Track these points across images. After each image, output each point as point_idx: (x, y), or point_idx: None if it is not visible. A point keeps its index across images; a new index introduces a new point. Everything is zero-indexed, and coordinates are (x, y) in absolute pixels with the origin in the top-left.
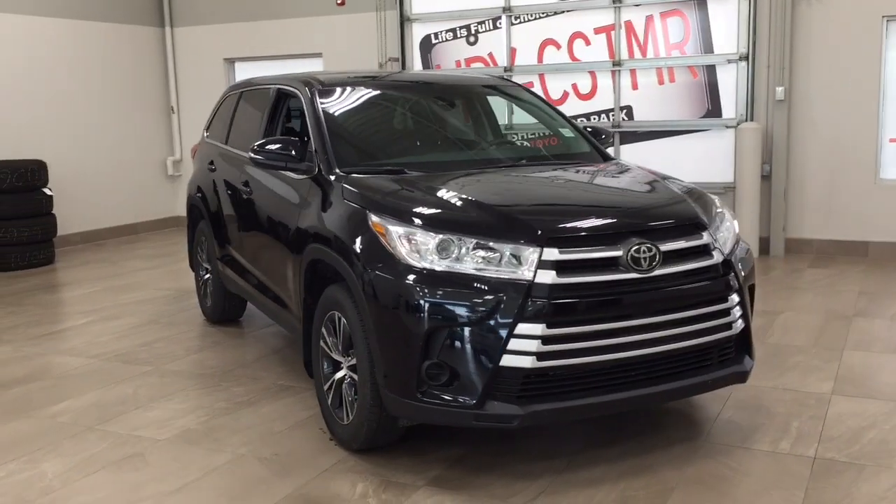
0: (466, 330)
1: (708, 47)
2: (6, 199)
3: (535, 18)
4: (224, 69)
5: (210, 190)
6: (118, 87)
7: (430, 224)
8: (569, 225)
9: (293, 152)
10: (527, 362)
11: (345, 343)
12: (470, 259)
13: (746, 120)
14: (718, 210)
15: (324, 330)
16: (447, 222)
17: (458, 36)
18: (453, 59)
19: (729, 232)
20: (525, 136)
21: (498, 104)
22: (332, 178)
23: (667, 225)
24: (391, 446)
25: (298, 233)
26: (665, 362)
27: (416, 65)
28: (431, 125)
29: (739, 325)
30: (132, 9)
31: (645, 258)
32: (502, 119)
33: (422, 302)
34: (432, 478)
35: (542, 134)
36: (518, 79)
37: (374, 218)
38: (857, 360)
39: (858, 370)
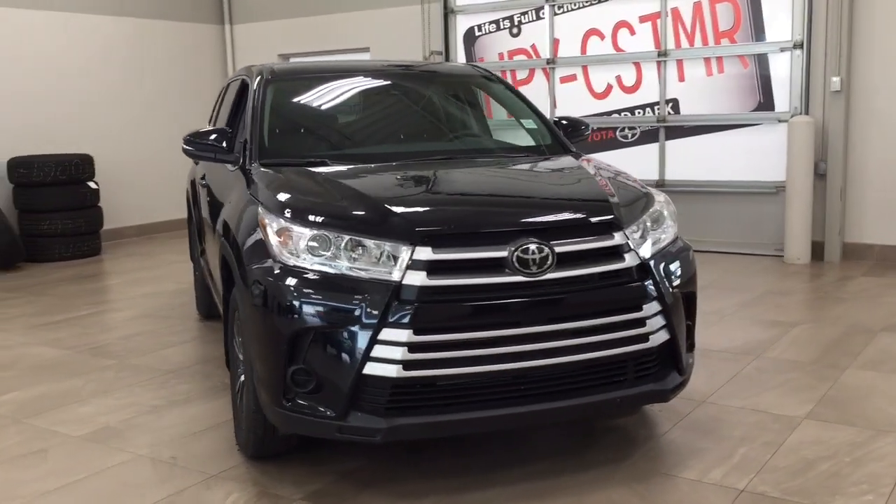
0: (331, 334)
1: (760, 35)
2: (50, 192)
3: (579, 7)
4: None
5: (193, 184)
6: (179, 84)
7: (307, 219)
8: (448, 222)
9: (223, 143)
10: (392, 371)
11: None
12: (345, 257)
13: (802, 113)
14: (653, 210)
15: (235, 329)
16: (325, 217)
17: (501, 28)
18: (496, 52)
19: (663, 234)
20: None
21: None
22: (251, 169)
23: (565, 223)
24: (291, 453)
25: (221, 225)
26: (564, 376)
27: (459, 57)
28: (377, 116)
29: (660, 337)
30: (194, 7)
31: (534, 259)
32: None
33: (288, 302)
34: (311, 492)
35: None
36: (561, 71)
37: (260, 211)
38: (855, 381)
39: (851, 392)
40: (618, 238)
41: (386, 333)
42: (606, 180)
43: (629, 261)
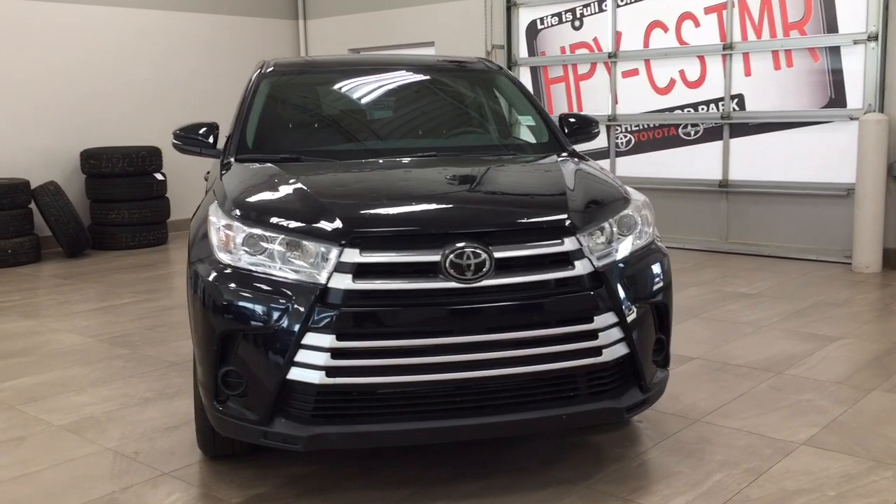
0: (258, 336)
1: (832, 26)
2: (118, 183)
3: None
4: None
5: None
6: None
7: (246, 217)
8: (379, 223)
9: (209, 138)
10: (315, 377)
11: None
12: (279, 257)
13: (876, 110)
14: (623, 215)
15: None
16: (264, 216)
17: (564, 20)
18: (558, 45)
19: (633, 241)
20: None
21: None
22: (228, 164)
23: (509, 227)
24: (251, 454)
25: None
26: (504, 390)
27: (521, 51)
28: (365, 112)
29: (617, 351)
30: (269, 2)
31: (468, 265)
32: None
33: (219, 301)
34: (252, 496)
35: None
36: (623, 65)
37: (210, 208)
38: (875, 405)
39: (865, 417)
40: (568, 244)
41: (310, 338)
42: (577, 182)
43: (580, 269)
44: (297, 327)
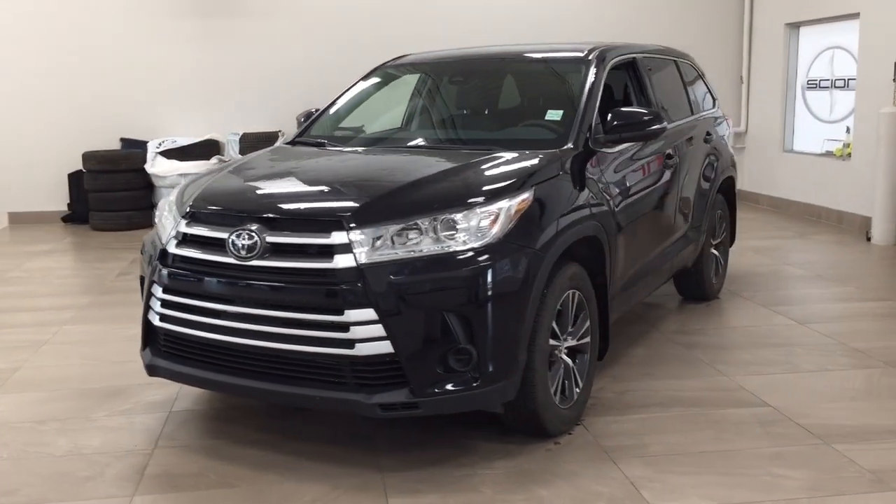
0: (143, 282)
1: None
2: None
3: None
4: (784, 35)
5: None
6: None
7: (180, 189)
8: (205, 201)
9: (304, 120)
10: (156, 320)
11: None
12: (171, 221)
13: None
14: (447, 218)
15: None
16: (184, 188)
17: None
18: None
19: (464, 241)
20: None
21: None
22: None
23: (283, 216)
24: None
25: None
26: (277, 361)
27: None
28: (420, 105)
29: (375, 348)
30: None
31: (243, 245)
32: None
33: (142, 251)
34: (191, 409)
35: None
36: None
37: None
38: None
39: None
40: (336, 238)
41: (154, 288)
42: (437, 180)
43: (339, 262)
44: (150, 278)
